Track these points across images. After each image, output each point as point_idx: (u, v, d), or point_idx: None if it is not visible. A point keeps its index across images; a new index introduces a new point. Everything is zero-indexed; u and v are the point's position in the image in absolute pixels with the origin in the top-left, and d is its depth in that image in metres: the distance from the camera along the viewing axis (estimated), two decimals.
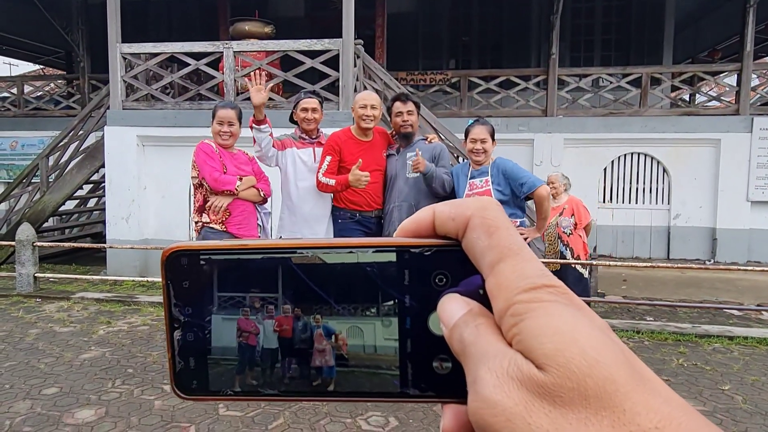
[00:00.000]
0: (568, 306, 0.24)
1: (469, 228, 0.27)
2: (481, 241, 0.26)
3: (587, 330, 0.23)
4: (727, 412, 3.30)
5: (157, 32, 11.33)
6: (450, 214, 0.28)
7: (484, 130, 3.46)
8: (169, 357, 0.30)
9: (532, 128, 9.13)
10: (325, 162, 3.64)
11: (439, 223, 0.28)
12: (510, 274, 0.25)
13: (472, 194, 3.48)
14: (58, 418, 3.17)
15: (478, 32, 11.55)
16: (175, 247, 0.30)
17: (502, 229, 0.26)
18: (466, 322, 0.26)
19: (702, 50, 12.54)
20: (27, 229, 6.19)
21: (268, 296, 0.29)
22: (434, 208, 0.29)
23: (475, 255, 0.27)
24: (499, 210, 0.27)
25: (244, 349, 0.30)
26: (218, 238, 3.49)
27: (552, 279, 0.25)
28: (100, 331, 4.81)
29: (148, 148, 7.38)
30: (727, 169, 8.74)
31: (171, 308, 0.30)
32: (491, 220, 0.27)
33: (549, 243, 5.10)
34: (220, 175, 3.45)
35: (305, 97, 3.71)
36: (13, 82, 11.79)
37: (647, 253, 9.27)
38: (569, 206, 5.14)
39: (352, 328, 0.29)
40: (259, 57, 7.30)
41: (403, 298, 0.29)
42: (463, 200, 0.28)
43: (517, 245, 0.26)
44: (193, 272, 0.30)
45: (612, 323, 5.01)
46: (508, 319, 0.24)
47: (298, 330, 0.29)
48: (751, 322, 5.44)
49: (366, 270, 0.29)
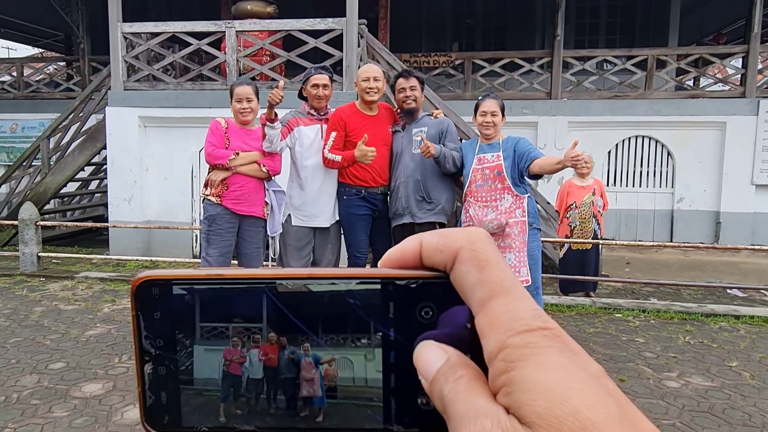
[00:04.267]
0: (563, 352, 0.22)
1: (458, 261, 0.26)
2: (470, 275, 0.25)
3: (581, 384, 0.21)
4: (735, 387, 3.30)
5: (157, 12, 11.21)
6: (438, 245, 0.27)
7: (494, 103, 3.42)
8: (139, 391, 0.29)
9: (536, 111, 9.06)
10: (330, 138, 3.60)
11: (426, 255, 0.27)
12: (502, 313, 0.24)
13: (482, 168, 3.44)
14: (66, 392, 3.16)
15: (482, 14, 11.43)
16: (146, 276, 0.28)
17: (493, 263, 0.25)
18: (445, 376, 0.25)
19: (707, 34, 12.41)
20: (30, 208, 6.16)
21: (245, 328, 0.28)
22: (421, 239, 0.27)
23: (464, 289, 0.26)
24: (489, 243, 0.26)
25: (219, 384, 0.28)
26: (214, 211, 3.52)
27: (546, 320, 0.24)
28: (105, 308, 4.80)
29: (150, 129, 7.33)
30: (733, 152, 8.68)
31: (141, 340, 0.28)
32: (481, 254, 0.26)
33: (582, 221, 5.07)
34: (214, 149, 3.49)
35: (316, 73, 3.65)
36: (12, 65, 11.68)
37: (650, 237, 9.25)
38: (597, 187, 5.13)
39: (333, 362, 0.28)
40: (261, 36, 7.22)
41: (387, 331, 0.27)
42: (452, 231, 0.27)
43: (509, 281, 0.25)
44: (164, 303, 0.28)
45: (617, 303, 5.01)
46: (498, 364, 0.23)
47: (280, 362, 0.28)
48: (755, 303, 5.43)
49: (349, 301, 0.27)
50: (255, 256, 3.74)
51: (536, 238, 3.51)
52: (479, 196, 3.46)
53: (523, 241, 3.39)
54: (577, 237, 5.13)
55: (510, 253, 3.38)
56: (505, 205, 3.40)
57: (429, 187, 3.65)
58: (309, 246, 3.80)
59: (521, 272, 3.38)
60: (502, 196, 3.40)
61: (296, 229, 3.74)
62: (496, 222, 3.38)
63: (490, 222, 3.39)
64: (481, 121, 3.43)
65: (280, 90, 3.36)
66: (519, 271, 3.37)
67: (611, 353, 3.84)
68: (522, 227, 3.40)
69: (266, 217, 3.71)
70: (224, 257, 3.57)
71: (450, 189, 3.76)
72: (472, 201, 3.49)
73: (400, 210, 3.72)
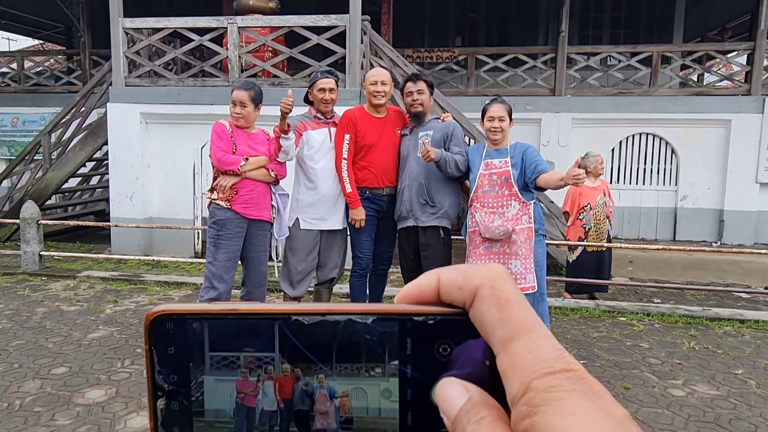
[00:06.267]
0: (587, 396, 0.22)
1: (478, 298, 0.26)
2: (491, 314, 0.25)
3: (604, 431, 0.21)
4: (741, 396, 3.28)
5: (158, 7, 11.12)
6: (457, 282, 0.27)
7: (502, 108, 3.38)
8: (152, 427, 0.28)
9: (539, 107, 9.00)
10: (345, 141, 3.64)
11: (445, 291, 0.27)
12: (525, 354, 0.24)
13: (489, 174, 3.41)
14: (69, 398, 3.15)
15: (486, 8, 11.33)
16: (159, 311, 0.28)
17: (514, 302, 0.25)
18: (467, 416, 0.25)
19: (712, 29, 12.31)
20: (31, 206, 6.13)
21: (258, 360, 0.28)
22: (439, 274, 0.27)
23: (484, 328, 0.26)
24: (510, 280, 0.26)
25: (232, 416, 0.28)
26: (223, 215, 3.49)
27: (569, 361, 0.24)
28: (107, 310, 4.79)
29: (152, 125, 7.28)
30: (737, 150, 8.63)
31: (155, 376, 0.28)
32: (503, 292, 0.26)
33: (596, 222, 5.06)
34: (224, 155, 3.46)
35: (322, 77, 3.63)
36: (13, 57, 11.61)
37: (653, 235, 9.23)
38: (606, 188, 5.13)
39: (349, 398, 0.28)
40: (263, 33, 7.15)
41: (404, 368, 0.27)
42: (471, 267, 0.27)
43: (531, 321, 0.25)
44: (178, 337, 0.28)
45: (621, 306, 4.99)
46: (521, 408, 0.23)
47: (294, 394, 0.28)
48: (759, 305, 5.41)
49: (365, 337, 0.27)
50: (262, 259, 3.72)
51: (542, 244, 3.48)
52: (486, 202, 3.43)
53: (529, 248, 3.36)
54: (593, 238, 5.11)
55: (516, 260, 3.35)
56: (511, 212, 3.37)
57: (433, 191, 3.63)
58: (316, 249, 3.79)
59: (527, 279, 3.35)
60: (509, 202, 3.37)
61: (304, 233, 3.73)
62: (502, 229, 3.35)
63: (497, 228, 3.36)
64: (489, 127, 3.40)
65: (290, 98, 3.33)
66: (525, 278, 3.35)
67: (616, 359, 3.82)
68: (528, 234, 3.37)
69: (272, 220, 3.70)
70: (231, 261, 3.55)
71: (454, 193, 3.73)
72: (479, 207, 3.46)
73: (405, 213, 3.72)
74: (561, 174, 3.17)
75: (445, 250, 3.72)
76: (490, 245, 3.41)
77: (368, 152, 3.69)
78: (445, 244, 3.71)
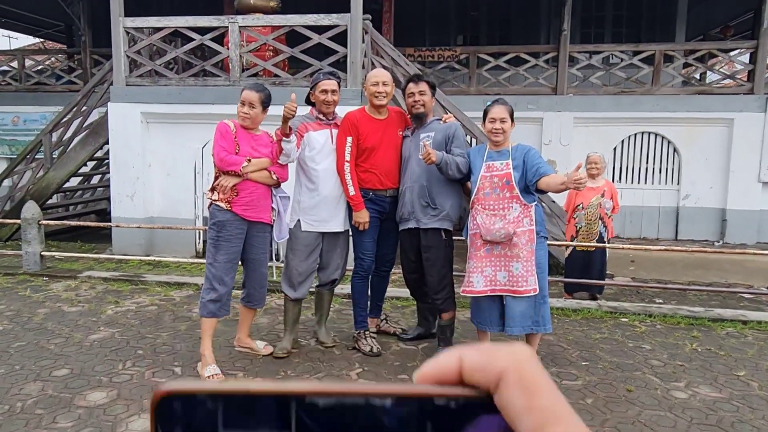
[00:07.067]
0: None
1: (504, 383, 0.25)
2: (519, 401, 0.25)
3: None
4: (743, 399, 3.27)
5: (159, 6, 11.10)
6: (480, 364, 0.26)
7: (503, 109, 3.36)
8: None
9: (541, 107, 8.98)
10: (347, 145, 3.63)
11: (467, 373, 0.26)
12: None
13: (490, 176, 3.40)
14: (70, 400, 3.15)
15: (487, 7, 11.29)
16: (167, 390, 0.26)
17: (544, 389, 0.25)
18: None
19: (714, 27, 12.26)
20: (32, 206, 6.13)
21: None
22: (461, 356, 0.27)
23: (511, 415, 0.25)
24: (536, 363, 0.26)
25: None
26: (223, 217, 3.47)
27: None
28: (109, 311, 4.78)
29: (153, 125, 7.27)
30: (740, 149, 8.60)
31: None
32: (530, 378, 0.25)
33: (588, 222, 5.03)
34: (227, 156, 3.43)
35: (324, 78, 3.62)
36: (14, 56, 11.59)
37: (655, 234, 9.21)
38: (608, 189, 5.08)
39: None
40: (264, 32, 7.14)
41: None
42: (495, 349, 0.26)
43: (560, 409, 0.24)
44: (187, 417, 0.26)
45: (623, 307, 4.98)
46: None
47: None
48: (762, 305, 5.40)
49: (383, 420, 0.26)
50: (262, 261, 3.72)
51: (543, 246, 3.47)
52: (487, 204, 3.41)
53: (530, 250, 3.35)
54: (582, 238, 5.09)
55: (517, 263, 3.34)
56: (513, 215, 3.35)
57: (434, 193, 3.63)
58: (317, 250, 3.78)
59: (529, 281, 3.34)
60: (511, 205, 3.36)
61: (305, 235, 3.72)
62: (503, 231, 3.33)
63: (498, 231, 3.34)
64: (490, 128, 3.38)
65: (293, 102, 3.31)
66: (527, 281, 3.33)
67: (618, 361, 3.81)
68: (530, 236, 3.36)
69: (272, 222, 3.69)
70: (231, 263, 3.54)
71: (456, 195, 3.72)
72: (480, 209, 3.44)
73: (406, 215, 3.71)
74: (562, 178, 3.15)
75: (447, 251, 3.72)
76: (491, 248, 3.40)
77: (370, 155, 3.68)
78: (447, 246, 3.71)
